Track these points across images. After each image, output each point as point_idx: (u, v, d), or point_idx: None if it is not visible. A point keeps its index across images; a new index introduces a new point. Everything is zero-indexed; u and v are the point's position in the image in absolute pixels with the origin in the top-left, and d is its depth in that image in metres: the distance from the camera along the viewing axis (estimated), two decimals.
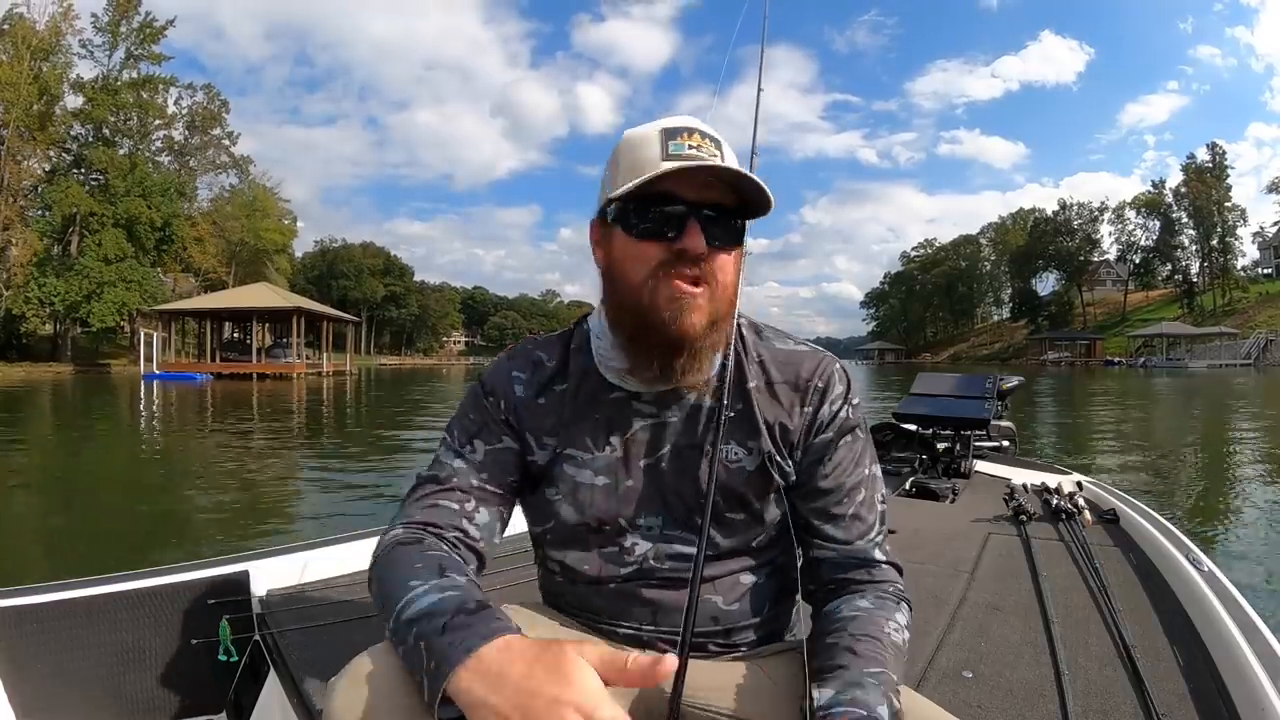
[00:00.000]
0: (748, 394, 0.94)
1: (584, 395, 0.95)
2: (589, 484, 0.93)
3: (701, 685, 0.88)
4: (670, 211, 0.83)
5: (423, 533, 0.85)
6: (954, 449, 3.65)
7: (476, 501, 0.90)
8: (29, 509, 6.19)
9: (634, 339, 0.88)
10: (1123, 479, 7.19)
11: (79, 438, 11.78)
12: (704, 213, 0.83)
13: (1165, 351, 60.93)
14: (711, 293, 0.85)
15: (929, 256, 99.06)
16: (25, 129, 39.89)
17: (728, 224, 0.85)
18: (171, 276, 50.39)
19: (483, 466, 0.92)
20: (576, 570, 0.97)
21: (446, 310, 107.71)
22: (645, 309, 0.85)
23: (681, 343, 0.85)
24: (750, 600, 0.96)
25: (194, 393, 23.23)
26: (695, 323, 0.84)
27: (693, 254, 0.82)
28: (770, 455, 0.93)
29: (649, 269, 0.84)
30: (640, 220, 0.84)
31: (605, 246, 0.90)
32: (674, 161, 0.82)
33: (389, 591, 0.76)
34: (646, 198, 0.83)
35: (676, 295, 0.83)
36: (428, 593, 0.72)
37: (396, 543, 0.83)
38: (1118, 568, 2.04)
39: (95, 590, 1.51)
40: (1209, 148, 72.13)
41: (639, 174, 0.82)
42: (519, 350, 1.02)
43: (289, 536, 5.03)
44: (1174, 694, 1.31)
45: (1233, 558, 4.42)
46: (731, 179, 0.84)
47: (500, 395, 0.96)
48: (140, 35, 44.96)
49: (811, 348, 0.99)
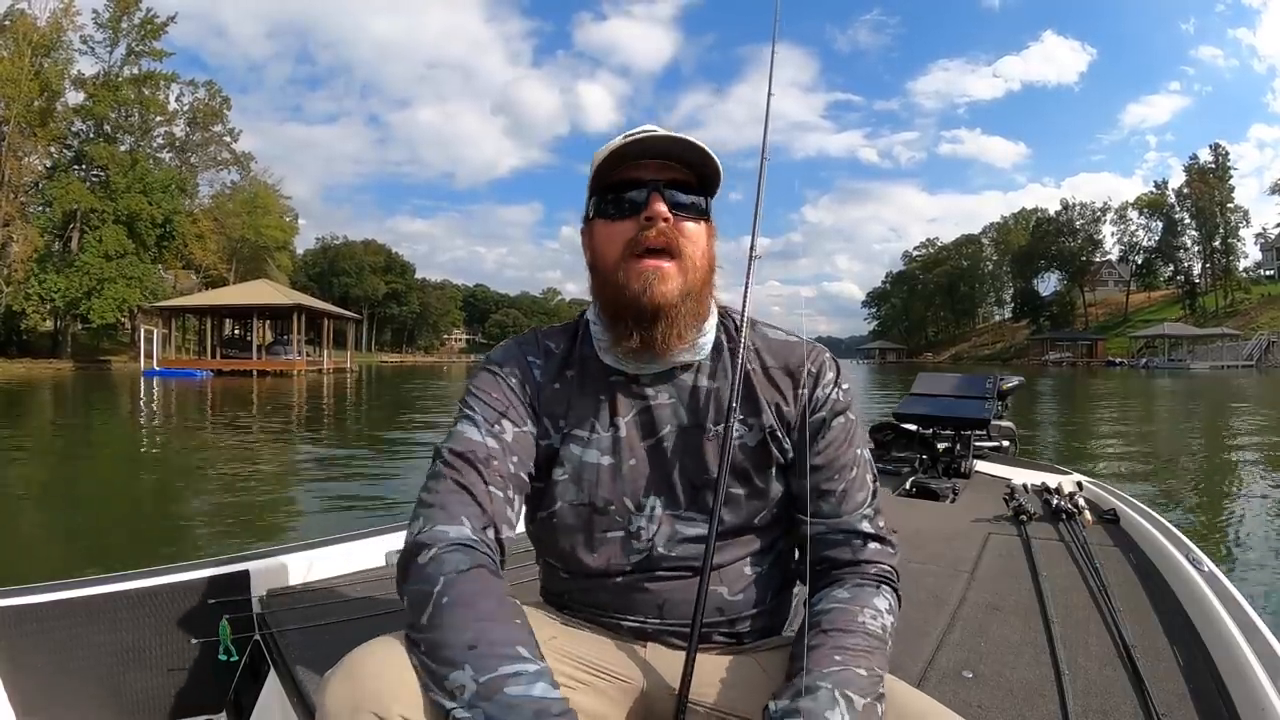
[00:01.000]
0: (745, 375, 0.98)
1: (587, 379, 0.99)
2: (594, 463, 0.95)
3: (703, 680, 0.89)
4: (634, 193, 0.93)
5: (490, 544, 0.85)
6: (954, 449, 3.64)
7: (513, 489, 0.91)
8: (29, 508, 6.19)
9: (615, 315, 0.94)
10: (1124, 479, 7.19)
11: (78, 435, 11.78)
12: (665, 189, 0.92)
13: (1167, 352, 60.84)
14: (681, 265, 0.92)
15: (931, 256, 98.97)
16: (26, 125, 39.82)
17: (692, 198, 0.94)
18: (173, 273, 50.37)
19: (513, 450, 0.92)
20: (582, 562, 0.97)
21: (448, 308, 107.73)
22: (620, 284, 0.92)
23: (656, 312, 0.90)
24: (753, 590, 0.98)
25: (194, 390, 23.24)
26: (667, 292, 0.90)
27: (658, 218, 0.91)
28: (772, 430, 0.97)
29: (622, 245, 0.93)
30: (611, 206, 0.94)
31: (589, 239, 0.98)
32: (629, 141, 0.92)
33: (479, 631, 0.73)
34: (614, 185, 0.94)
35: (646, 268, 0.91)
36: (543, 682, 0.71)
37: (477, 561, 0.81)
38: (1118, 568, 2.04)
39: (95, 590, 1.51)
40: (1212, 148, 72.09)
41: (602, 162, 0.93)
42: (528, 337, 1.05)
43: (289, 536, 5.04)
44: (1174, 694, 1.31)
45: (1233, 558, 4.42)
46: (692, 160, 0.93)
47: (522, 377, 0.98)
48: (141, 31, 44.92)
49: (801, 338, 1.04)
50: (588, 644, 0.94)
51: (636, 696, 0.91)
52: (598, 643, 0.95)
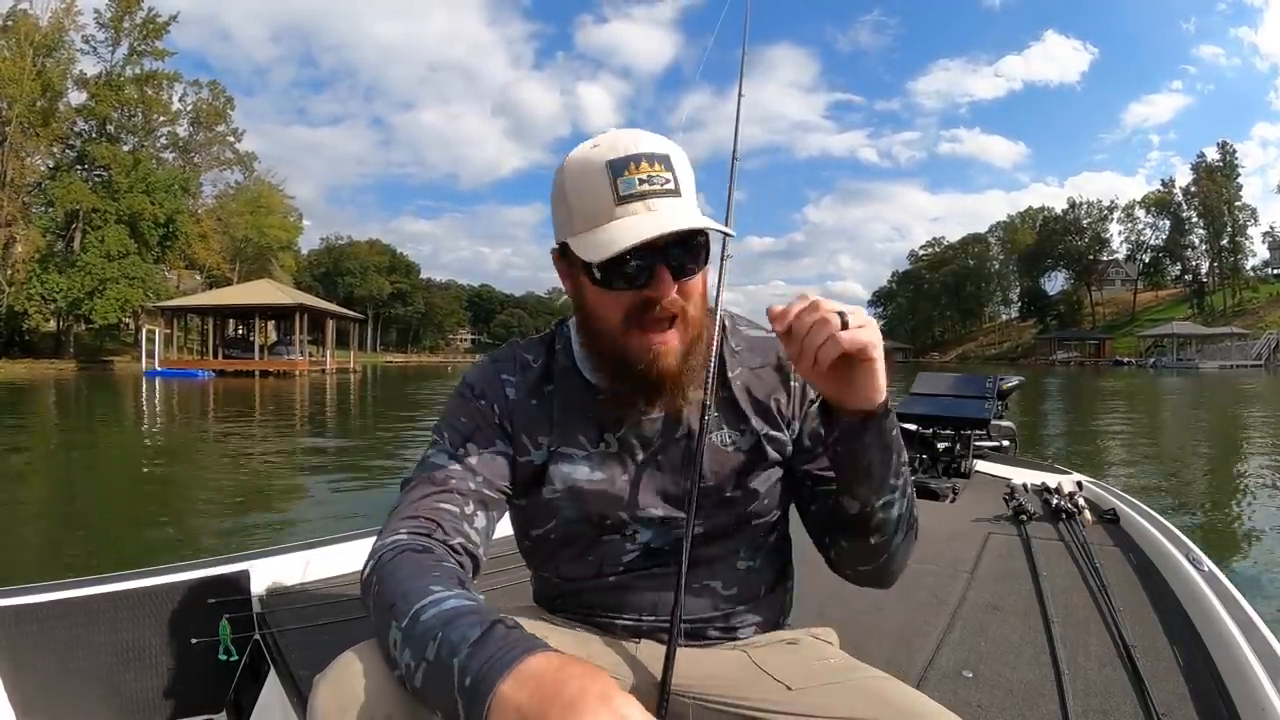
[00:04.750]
0: (730, 383, 0.98)
1: (573, 395, 0.97)
2: (585, 479, 0.94)
3: (692, 673, 0.89)
4: (636, 265, 0.83)
5: (429, 540, 0.82)
6: (954, 449, 3.64)
7: (475, 505, 0.89)
8: (29, 508, 6.22)
9: (614, 377, 0.91)
10: (1128, 479, 7.19)
11: (79, 435, 11.83)
12: (671, 253, 0.83)
13: (1175, 352, 60.68)
14: (684, 328, 0.87)
15: (937, 255, 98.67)
16: (29, 125, 39.93)
17: (694, 250, 0.86)
18: (176, 273, 50.47)
19: (478, 470, 0.91)
20: (576, 571, 0.98)
21: (453, 308, 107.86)
22: (620, 356, 0.88)
23: (660, 384, 0.88)
24: (749, 586, 0.98)
25: (196, 390, 23.30)
26: (671, 365, 0.87)
27: (664, 296, 0.84)
28: (765, 434, 0.96)
29: (620, 316, 0.86)
30: (605, 274, 0.84)
31: (573, 281, 0.91)
32: (628, 215, 0.82)
33: (399, 591, 0.72)
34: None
35: (649, 345, 0.86)
36: (453, 599, 0.69)
37: (403, 547, 0.79)
38: (1118, 568, 2.03)
39: (95, 590, 1.51)
40: (1219, 146, 71.90)
41: (592, 222, 0.83)
42: (504, 353, 1.02)
43: (289, 536, 5.04)
44: (1174, 694, 1.31)
45: (1233, 558, 4.41)
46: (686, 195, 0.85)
47: (492, 398, 0.96)
48: (143, 31, 45.00)
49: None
50: (581, 643, 0.94)
51: (625, 687, 0.91)
52: (591, 641, 0.95)
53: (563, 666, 0.57)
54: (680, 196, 0.84)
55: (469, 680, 0.59)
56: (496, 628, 0.63)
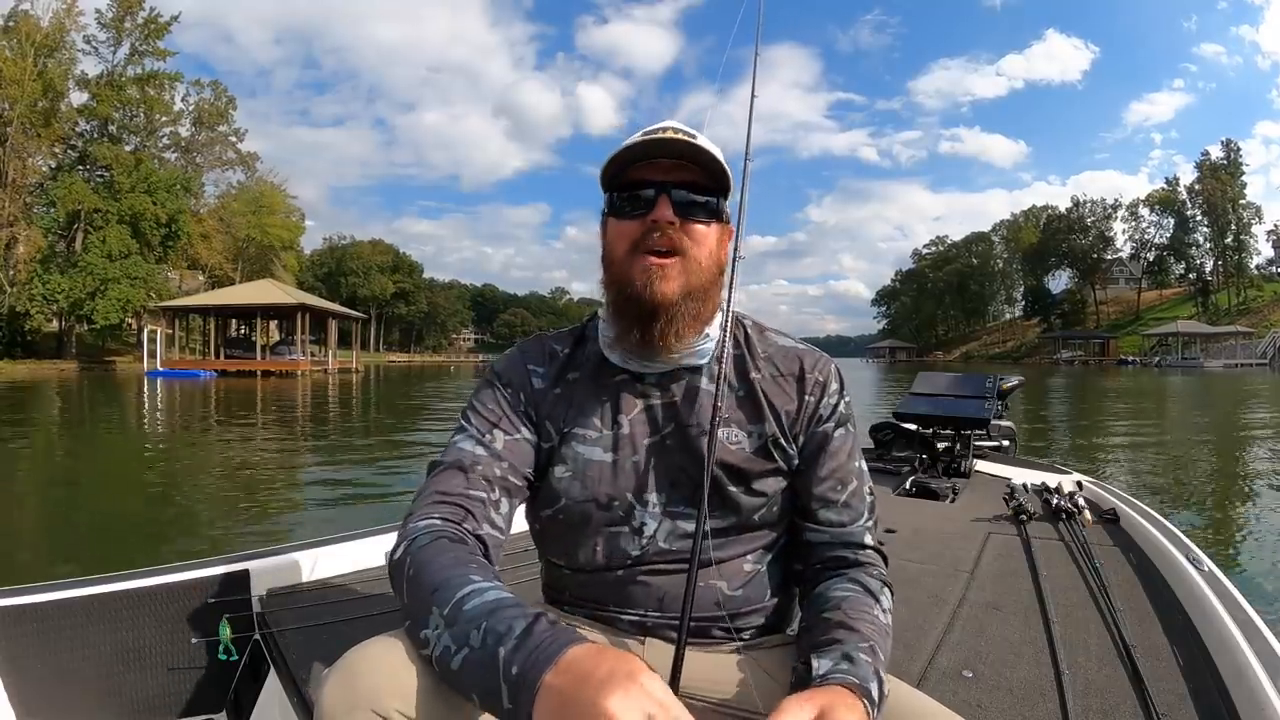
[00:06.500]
0: (751, 381, 1.00)
1: (592, 378, 1.01)
2: (596, 460, 0.97)
3: (695, 676, 0.89)
4: (643, 192, 0.94)
5: (460, 529, 0.87)
6: (954, 448, 3.65)
7: (500, 491, 0.93)
8: (29, 508, 6.22)
9: (618, 310, 0.96)
10: (1130, 478, 7.17)
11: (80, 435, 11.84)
12: (674, 190, 0.93)
13: (1180, 351, 60.61)
14: (685, 264, 0.93)
15: (940, 254, 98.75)
16: (30, 125, 39.94)
17: (701, 200, 0.95)
18: (178, 273, 50.51)
19: (503, 456, 0.95)
20: (584, 557, 0.99)
21: (456, 307, 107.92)
22: (624, 280, 0.94)
23: (656, 310, 0.92)
24: (754, 587, 0.99)
25: (197, 390, 23.30)
26: (667, 290, 0.92)
27: (662, 222, 0.92)
28: (774, 439, 0.98)
29: (629, 244, 0.94)
30: (622, 204, 0.95)
31: (603, 234, 0.99)
32: (643, 140, 0.93)
33: (441, 577, 0.76)
34: (626, 184, 0.95)
35: (648, 265, 0.92)
36: (493, 590, 0.73)
37: (438, 533, 0.84)
38: (1118, 567, 2.03)
39: (95, 590, 1.52)
40: (1223, 144, 71.96)
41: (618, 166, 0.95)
42: (532, 343, 1.07)
43: (289, 536, 5.05)
44: (1174, 694, 1.31)
45: (1233, 558, 4.40)
46: (703, 161, 0.93)
47: (518, 387, 1.00)
48: (145, 31, 44.98)
49: (809, 346, 1.06)
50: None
51: None
52: (597, 638, 0.96)
53: (599, 653, 0.63)
54: (695, 140, 0.94)
55: (515, 670, 0.64)
56: (540, 621, 0.67)
